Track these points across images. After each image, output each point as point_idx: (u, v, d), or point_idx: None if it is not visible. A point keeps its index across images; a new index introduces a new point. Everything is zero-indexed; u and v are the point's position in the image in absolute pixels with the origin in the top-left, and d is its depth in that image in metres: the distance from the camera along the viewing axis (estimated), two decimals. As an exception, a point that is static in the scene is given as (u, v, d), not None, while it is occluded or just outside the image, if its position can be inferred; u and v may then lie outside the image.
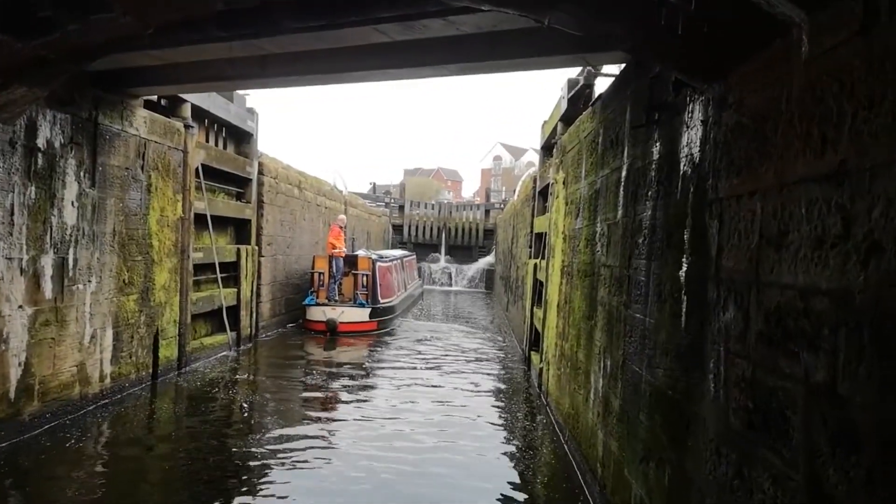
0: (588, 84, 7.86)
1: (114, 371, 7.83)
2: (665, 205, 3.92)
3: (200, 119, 10.66)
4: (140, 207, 8.23)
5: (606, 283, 5.41)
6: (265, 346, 12.67)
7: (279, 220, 14.03)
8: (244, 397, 8.73)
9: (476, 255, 32.45)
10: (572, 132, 7.88)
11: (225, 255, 11.26)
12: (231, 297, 11.48)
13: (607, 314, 5.32)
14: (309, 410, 8.25)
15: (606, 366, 5.19)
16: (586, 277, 6.39)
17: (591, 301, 6.08)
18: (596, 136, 6.29)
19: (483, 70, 6.40)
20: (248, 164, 12.18)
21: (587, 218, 6.53)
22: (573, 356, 6.82)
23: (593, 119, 6.51)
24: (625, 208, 4.92)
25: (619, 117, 5.35)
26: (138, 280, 8.27)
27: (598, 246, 5.85)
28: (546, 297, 9.35)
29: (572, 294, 7.15)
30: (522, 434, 7.60)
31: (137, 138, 8.08)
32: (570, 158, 8.04)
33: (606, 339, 5.28)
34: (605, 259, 5.51)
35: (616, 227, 5.17)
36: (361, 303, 14.94)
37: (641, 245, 4.36)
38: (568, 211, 7.87)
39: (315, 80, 7.18)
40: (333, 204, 19.45)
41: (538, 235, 11.99)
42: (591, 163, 6.48)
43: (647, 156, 4.38)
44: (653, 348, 3.94)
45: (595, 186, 6.18)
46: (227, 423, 7.69)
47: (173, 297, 9.26)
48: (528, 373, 10.78)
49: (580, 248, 6.85)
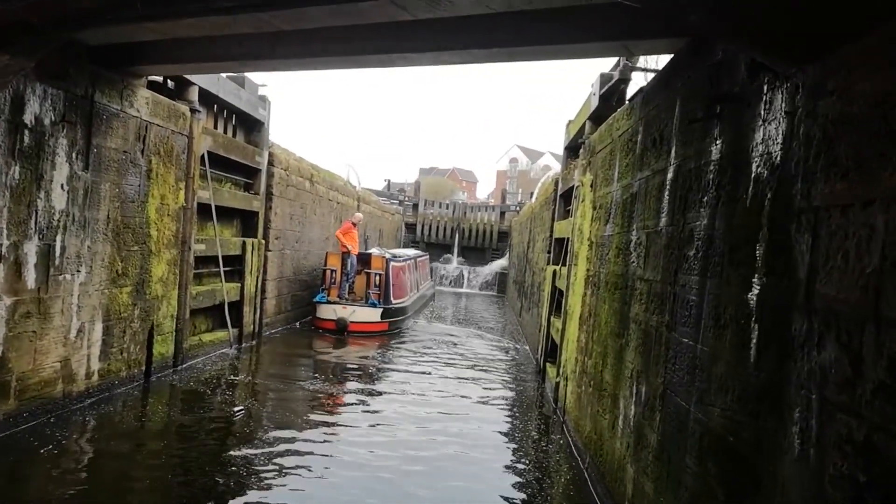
0: (623, 79, 7.26)
1: (102, 368, 7.32)
2: (728, 213, 3.32)
3: (209, 104, 10.15)
4: (138, 194, 7.72)
5: (643, 298, 4.81)
6: (268, 345, 12.16)
7: (288, 213, 13.51)
8: (241, 398, 8.20)
9: (489, 258, 31.84)
10: (604, 131, 7.28)
11: (229, 248, 10.75)
12: (234, 293, 10.97)
13: (643, 334, 4.72)
14: (308, 415, 7.70)
15: (640, 392, 4.59)
16: (616, 290, 5.79)
17: (621, 317, 5.48)
18: (634, 135, 5.69)
19: (513, 57, 5.81)
20: (258, 154, 11.67)
21: (620, 224, 5.93)
22: (597, 375, 6.22)
23: (631, 116, 5.91)
24: (670, 215, 4.33)
25: (664, 113, 4.75)
26: (133, 271, 7.76)
27: (633, 256, 5.25)
28: (566, 308, 8.75)
29: (598, 307, 6.55)
30: (536, 455, 7.01)
31: (138, 120, 7.57)
32: (599, 159, 7.44)
33: (641, 361, 4.69)
34: (642, 272, 4.92)
35: (657, 236, 4.57)
36: (373, 303, 14.51)
37: (693, 259, 3.76)
38: (596, 216, 7.27)
39: (329, 64, 6.62)
40: (346, 199, 18.94)
41: (558, 241, 11.39)
42: (627, 164, 5.88)
43: (702, 155, 3.78)
44: (706, 381, 3.35)
45: (631, 190, 5.58)
46: (222, 425, 7.15)
47: (171, 290, 8.75)
48: (543, 385, 10.18)
49: (609, 257, 6.25)
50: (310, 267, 15.56)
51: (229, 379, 9.13)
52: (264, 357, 11.47)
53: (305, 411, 7.95)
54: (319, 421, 7.58)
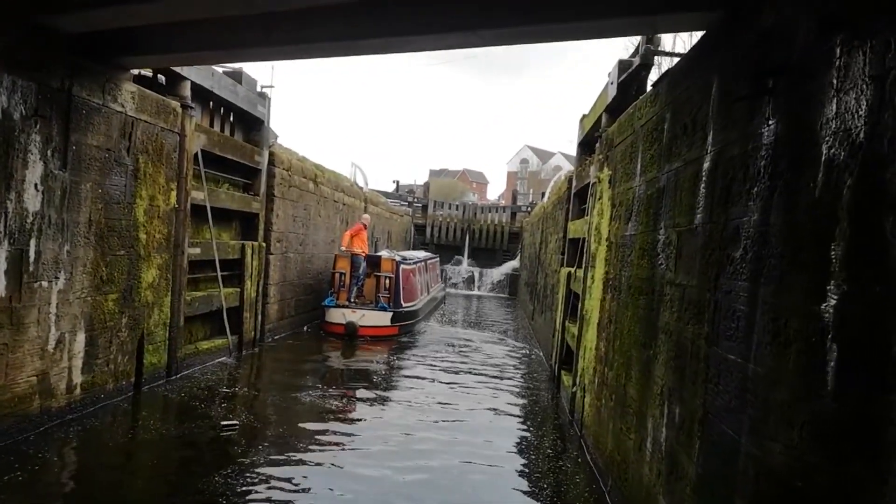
0: (645, 64, 6.68)
1: (86, 381, 6.83)
2: (787, 206, 2.75)
3: (204, 101, 9.69)
4: (124, 195, 7.24)
5: (674, 306, 4.24)
6: (270, 352, 11.66)
7: (291, 215, 13.02)
8: (238, 410, 7.68)
9: (500, 259, 31.25)
10: (623, 122, 6.72)
11: (227, 252, 10.26)
12: (233, 298, 10.48)
13: (674, 346, 4.15)
14: (309, 429, 7.15)
15: (673, 413, 4.02)
16: (641, 295, 5.22)
17: (648, 325, 4.91)
18: (659, 123, 5.12)
19: (522, 38, 5.28)
20: (258, 154, 11.18)
21: (644, 223, 5.36)
22: (619, 388, 5.65)
23: (655, 102, 5.35)
24: (708, 211, 3.76)
25: (697, 95, 4.18)
26: (120, 277, 7.28)
27: (661, 258, 4.68)
28: (582, 312, 8.18)
29: (619, 313, 5.98)
30: (553, 475, 6.43)
31: (122, 116, 7.09)
32: (618, 153, 6.87)
33: (673, 378, 4.12)
34: (673, 275, 4.35)
35: (692, 235, 4.01)
36: (383, 306, 14.10)
37: (740, 261, 3.20)
38: (615, 214, 6.70)
39: (328, 50, 6.09)
40: (352, 201, 18.45)
41: (572, 241, 10.81)
42: (652, 156, 5.31)
43: (750, 139, 3.22)
44: (761, 409, 2.78)
45: (657, 184, 5.01)
46: (216, 440, 6.63)
47: (163, 296, 8.26)
48: (558, 395, 9.61)
49: (632, 259, 5.68)
50: (315, 270, 15.08)
51: (226, 389, 8.63)
52: (266, 365, 10.97)
53: (307, 425, 7.42)
54: (321, 435, 7.03)
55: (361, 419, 7.97)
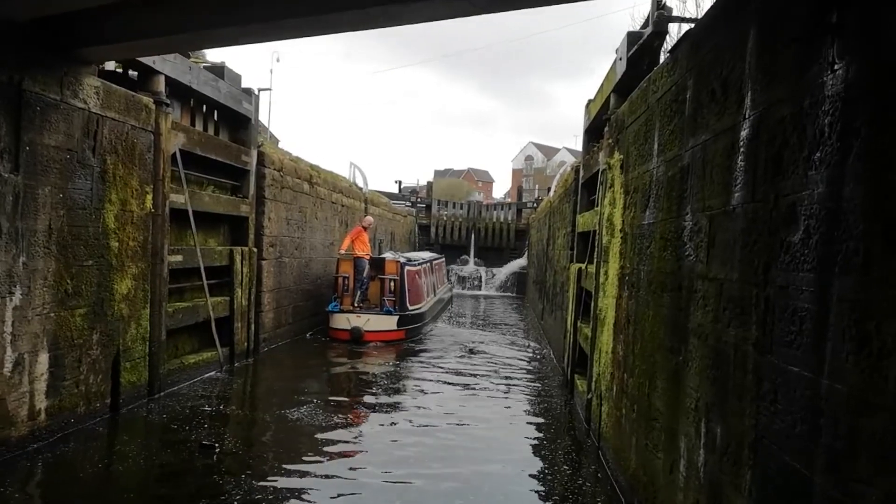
0: (659, 32, 5.98)
1: (52, 405, 6.21)
2: (870, 171, 2.08)
3: (182, 98, 9.07)
4: (90, 200, 6.62)
5: (708, 304, 3.57)
6: (266, 363, 11.03)
7: (285, 218, 12.40)
8: (225, 431, 7.06)
9: (507, 258, 30.55)
10: (635, 99, 6.04)
11: (214, 259, 9.64)
12: (222, 307, 9.85)
13: (711, 352, 3.47)
14: (305, 450, 6.52)
15: (713, 434, 3.35)
16: (664, 292, 4.55)
17: (674, 327, 4.24)
18: (680, 93, 4.45)
19: (517, 3, 4.62)
20: (245, 153, 10.56)
21: (665, 209, 4.69)
22: (643, 399, 4.97)
23: (674, 70, 4.67)
24: (749, 187, 3.08)
25: (728, 52, 3.51)
26: (88, 290, 6.66)
27: (689, 248, 4.01)
28: (596, 312, 7.50)
29: (639, 312, 5.31)
30: (571, 495, 5.75)
31: (85, 113, 6.47)
32: (630, 135, 6.20)
33: (710, 390, 3.44)
34: (705, 268, 3.67)
35: (728, 218, 3.33)
36: (389, 310, 13.58)
37: (799, 246, 2.52)
38: (630, 202, 6.02)
39: (303, 28, 5.45)
40: (352, 202, 17.82)
41: (582, 235, 10.14)
42: (671, 132, 4.64)
43: (806, 92, 2.55)
44: (846, 440, 2.11)
45: (680, 163, 4.34)
46: (199, 469, 5.98)
47: (141, 309, 7.64)
48: (572, 401, 8.93)
49: (652, 250, 5.01)
50: (313, 275, 14.47)
51: (213, 408, 7.98)
52: (260, 378, 10.35)
53: (301, 447, 6.78)
54: (315, 460, 6.39)
55: (361, 441, 7.30)
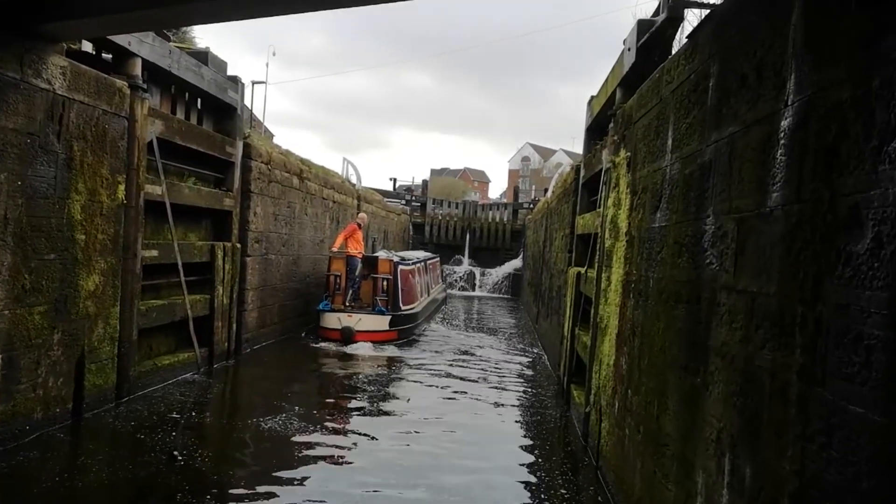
0: (673, 18, 5.51)
1: (4, 411, 5.70)
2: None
3: (163, 84, 8.57)
4: (54, 188, 6.11)
5: (736, 320, 3.10)
6: (248, 365, 10.52)
7: (272, 213, 11.88)
8: (199, 440, 6.56)
9: (502, 259, 30.11)
10: (646, 91, 5.58)
11: (193, 254, 9.13)
12: (201, 306, 9.34)
13: (741, 377, 3.00)
14: (287, 457, 6.03)
15: (741, 474, 2.87)
16: (679, 303, 4.07)
17: (691, 343, 3.77)
18: (701, 81, 3.98)
19: None
20: (230, 145, 10.04)
21: (680, 210, 4.22)
22: (650, 420, 4.51)
23: (693, 57, 4.20)
24: (793, 185, 2.61)
25: (764, 31, 3.04)
26: (50, 286, 6.14)
27: (711, 255, 3.54)
28: (596, 320, 7.04)
29: (647, 324, 4.84)
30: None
31: (49, 94, 5.96)
32: (639, 130, 5.73)
33: (739, 422, 2.97)
34: (732, 278, 3.20)
35: (764, 221, 2.86)
36: (381, 310, 13.22)
37: (865, 257, 2.05)
38: (637, 203, 5.56)
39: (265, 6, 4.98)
40: (344, 198, 17.31)
41: (582, 237, 9.68)
42: (689, 125, 4.17)
43: (878, 70, 2.07)
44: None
45: (699, 159, 3.86)
46: (169, 485, 5.49)
47: (110, 307, 7.12)
48: (568, 413, 8.45)
49: (664, 256, 4.54)
50: (302, 273, 13.97)
51: (188, 413, 7.49)
52: (241, 380, 9.86)
53: (283, 456, 6.30)
54: (292, 471, 5.90)
55: (342, 453, 6.80)
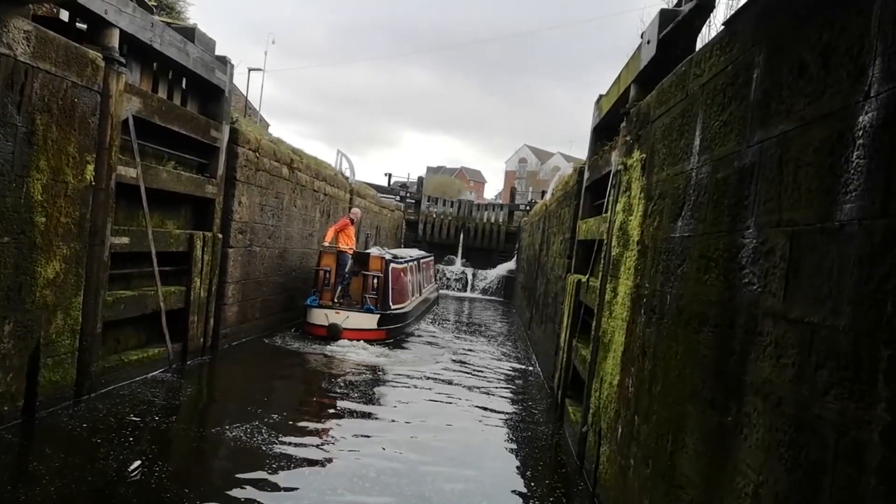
0: (703, 6, 4.99)
1: (-58, 408, 5.15)
2: None
3: (144, 60, 8.00)
4: (11, 165, 5.52)
5: (786, 354, 2.58)
6: (224, 362, 9.96)
7: (259, 203, 11.31)
8: (161, 447, 6.01)
9: (496, 260, 29.60)
10: (668, 87, 5.06)
11: (169, 243, 8.55)
12: (176, 299, 8.77)
13: (792, 426, 2.48)
14: (257, 467, 5.49)
15: (788, 542, 2.36)
16: (704, 327, 3.56)
17: (720, 374, 3.25)
18: (740, 73, 3.46)
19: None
20: (215, 128, 9.47)
21: (709, 220, 3.70)
22: (662, 455, 3.99)
23: (731, 46, 3.68)
24: (875, 195, 2.09)
25: (835, 9, 2.53)
26: (2, 272, 5.56)
27: (752, 274, 3.02)
28: (598, 333, 6.52)
29: (662, 345, 4.32)
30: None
31: (10, 60, 5.38)
32: (658, 129, 5.22)
33: (787, 480, 2.45)
34: (780, 304, 2.68)
35: (832, 237, 2.34)
36: (370, 308, 12.84)
37: None
38: (653, 209, 5.04)
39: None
40: (336, 191, 16.74)
41: (583, 244, 9.17)
42: (724, 123, 3.65)
43: None
44: None
45: (738, 162, 3.35)
46: (121, 500, 4.94)
47: (72, 297, 6.56)
48: (561, 430, 7.94)
49: (686, 270, 4.02)
50: (288, 267, 13.41)
51: (151, 416, 6.91)
52: (215, 379, 9.31)
53: (252, 468, 5.75)
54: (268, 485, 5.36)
55: (315, 466, 6.26)
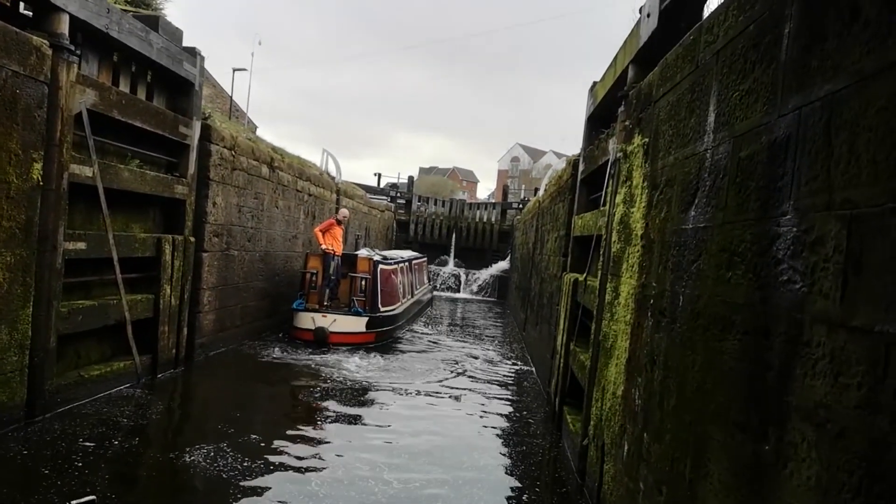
0: (714, -33, 4.45)
1: None
2: None
3: (103, 51, 7.39)
4: (-62, 162, 4.94)
5: (846, 372, 2.02)
6: (199, 374, 9.34)
7: (236, 204, 10.71)
8: (121, 476, 5.41)
9: (489, 260, 29.05)
10: (674, 60, 4.50)
11: (135, 248, 7.94)
12: (143, 307, 8.16)
13: (860, 465, 1.92)
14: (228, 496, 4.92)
15: None
16: (730, 334, 3.00)
17: (753, 393, 2.69)
18: (767, 33, 2.91)
19: None
20: (185, 125, 8.86)
21: (731, 207, 3.14)
22: (679, 481, 3.43)
23: (752, 4, 3.13)
24: None
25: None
26: (-69, 283, 4.98)
27: (791, 269, 2.46)
28: (599, 337, 5.97)
29: (675, 354, 3.76)
30: None
31: (-68, 45, 4.80)
32: (663, 109, 4.66)
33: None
34: (839, 308, 2.12)
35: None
36: (357, 311, 12.42)
37: None
38: (659, 199, 4.49)
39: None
40: (321, 192, 16.15)
41: (579, 240, 8.61)
42: (745, 93, 3.10)
43: None
44: None
45: (768, 135, 2.79)
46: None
47: (19, 309, 5.95)
48: (560, 442, 7.38)
49: (702, 267, 3.46)
50: (270, 271, 12.81)
51: (111, 438, 6.31)
52: (187, 394, 8.69)
53: (219, 497, 5.16)
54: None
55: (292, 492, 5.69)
